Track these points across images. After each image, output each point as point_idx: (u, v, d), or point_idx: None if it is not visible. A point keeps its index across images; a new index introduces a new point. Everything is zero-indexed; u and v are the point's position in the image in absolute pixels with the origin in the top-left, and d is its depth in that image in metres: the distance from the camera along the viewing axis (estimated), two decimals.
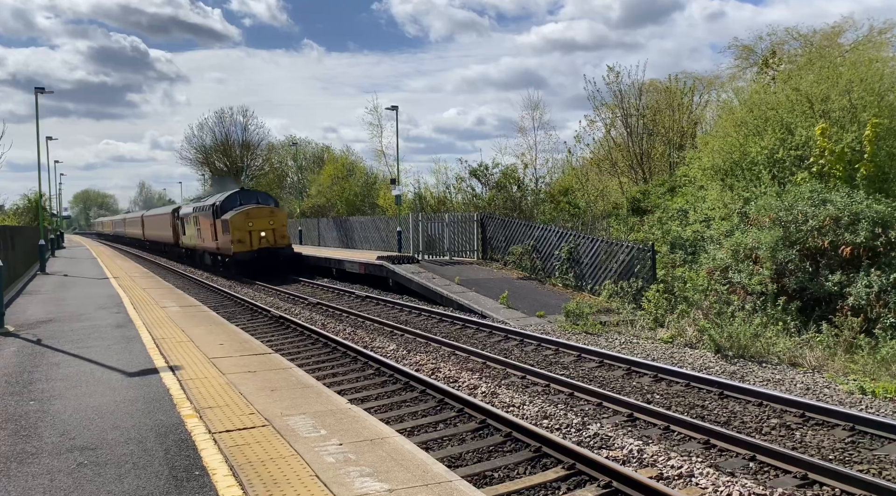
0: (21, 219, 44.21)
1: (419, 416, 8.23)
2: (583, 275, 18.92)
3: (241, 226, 26.56)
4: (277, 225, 27.25)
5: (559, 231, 20.53)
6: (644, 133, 29.05)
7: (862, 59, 18.33)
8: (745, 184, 17.53)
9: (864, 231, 12.50)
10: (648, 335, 13.41)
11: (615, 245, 18.16)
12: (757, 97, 18.97)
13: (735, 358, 11.27)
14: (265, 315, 16.75)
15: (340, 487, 4.38)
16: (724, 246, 14.81)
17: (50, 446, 5.32)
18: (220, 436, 5.46)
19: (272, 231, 26.93)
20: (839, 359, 10.68)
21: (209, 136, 70.87)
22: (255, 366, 8.23)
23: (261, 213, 27.27)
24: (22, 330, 11.26)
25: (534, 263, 20.86)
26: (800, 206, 13.64)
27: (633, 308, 15.39)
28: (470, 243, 25.01)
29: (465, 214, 26.26)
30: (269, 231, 26.84)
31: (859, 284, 11.98)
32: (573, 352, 11.76)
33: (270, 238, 26.87)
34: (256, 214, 27.07)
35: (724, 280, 13.94)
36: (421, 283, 19.58)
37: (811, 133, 16.16)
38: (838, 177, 15.32)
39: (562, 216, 26.55)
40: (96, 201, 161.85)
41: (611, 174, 30.74)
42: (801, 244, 13.25)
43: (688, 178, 21.97)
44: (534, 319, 15.29)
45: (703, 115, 29.04)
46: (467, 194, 31.52)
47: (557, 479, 6.15)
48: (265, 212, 27.48)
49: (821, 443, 7.21)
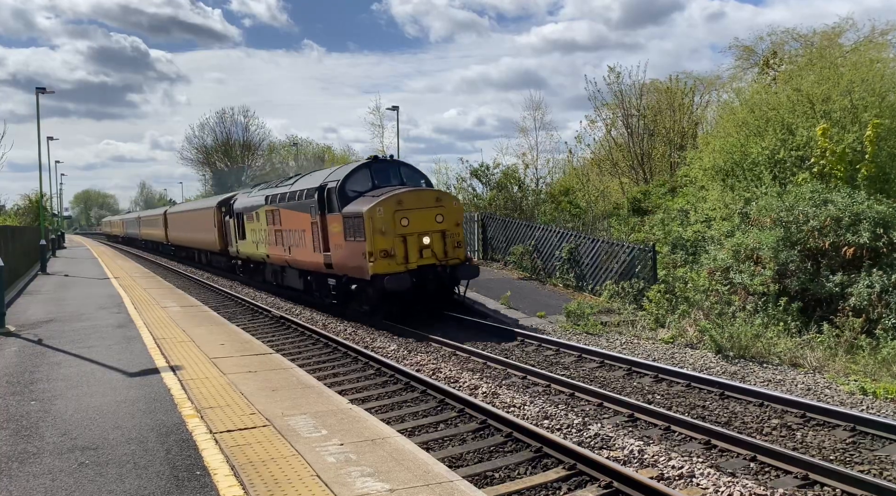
0: (22, 219, 44.24)
1: (420, 417, 8.23)
2: (583, 275, 18.91)
3: (388, 224, 14.49)
4: (450, 223, 15.11)
5: (560, 231, 20.53)
6: (645, 133, 29.05)
7: (863, 59, 18.34)
8: (746, 184, 17.53)
9: (867, 232, 12.50)
10: (649, 335, 13.40)
11: (616, 245, 18.15)
12: (758, 97, 18.98)
13: (736, 358, 11.26)
14: (266, 315, 16.74)
15: (342, 487, 4.38)
16: (725, 246, 14.80)
17: (51, 446, 5.32)
18: (222, 436, 5.47)
19: (442, 235, 14.95)
20: (840, 360, 10.67)
21: (210, 136, 71.03)
22: (256, 366, 8.23)
23: (420, 199, 15.07)
24: (23, 330, 11.26)
25: (534, 263, 20.85)
26: (801, 207, 13.63)
27: (633, 308, 15.38)
28: (470, 243, 25.01)
29: (466, 214, 26.23)
30: (438, 235, 14.90)
31: (861, 285, 11.97)
32: (574, 352, 11.75)
33: (439, 248, 14.91)
34: (413, 202, 14.89)
35: (725, 280, 13.94)
36: None
37: (812, 133, 16.16)
38: (839, 177, 15.31)
39: (562, 216, 26.54)
40: (97, 201, 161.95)
41: (612, 174, 30.74)
42: (802, 245, 13.24)
43: (689, 179, 21.97)
44: (535, 319, 15.28)
45: (703, 115, 29.05)
46: (468, 194, 31.51)
47: (558, 480, 6.15)
48: (427, 198, 15.22)
49: (822, 444, 7.20)
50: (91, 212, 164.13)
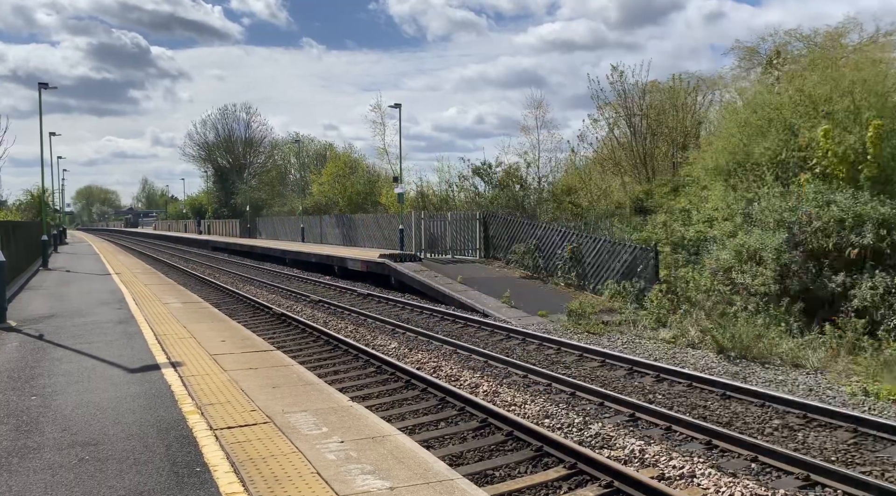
0: (24, 214, 44.25)
1: (420, 415, 8.22)
2: (585, 274, 18.89)
3: None
4: None
5: (562, 230, 20.51)
6: (647, 132, 28.96)
7: (865, 60, 18.26)
8: (749, 184, 17.48)
9: (871, 233, 12.46)
10: (651, 335, 13.38)
11: (618, 245, 18.14)
12: (760, 98, 18.91)
13: (737, 358, 11.24)
14: (267, 312, 16.74)
15: (342, 485, 4.37)
16: (727, 246, 14.77)
17: (51, 441, 5.31)
18: (222, 432, 5.46)
19: None
20: (842, 361, 10.65)
21: (212, 133, 71.05)
22: (256, 362, 8.22)
23: None
24: (24, 325, 11.26)
25: (536, 262, 20.83)
26: (804, 208, 13.60)
27: (635, 308, 15.36)
28: (472, 242, 24.98)
29: (468, 213, 26.24)
30: None
31: (864, 286, 11.94)
32: (575, 351, 11.74)
33: None
34: None
35: (728, 281, 13.91)
36: (423, 282, 19.56)
37: (814, 134, 16.11)
38: (842, 178, 15.27)
39: (564, 215, 26.50)
40: (98, 197, 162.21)
41: (614, 173, 30.64)
42: (804, 245, 13.21)
43: (691, 178, 21.90)
44: (536, 318, 15.26)
45: (706, 115, 28.95)
46: (470, 193, 31.49)
47: (559, 479, 6.14)
48: None
49: (823, 445, 7.18)
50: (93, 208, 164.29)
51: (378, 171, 48.82)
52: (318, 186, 47.88)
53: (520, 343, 12.80)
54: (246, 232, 55.75)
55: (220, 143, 71.27)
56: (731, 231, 16.13)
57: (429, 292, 19.07)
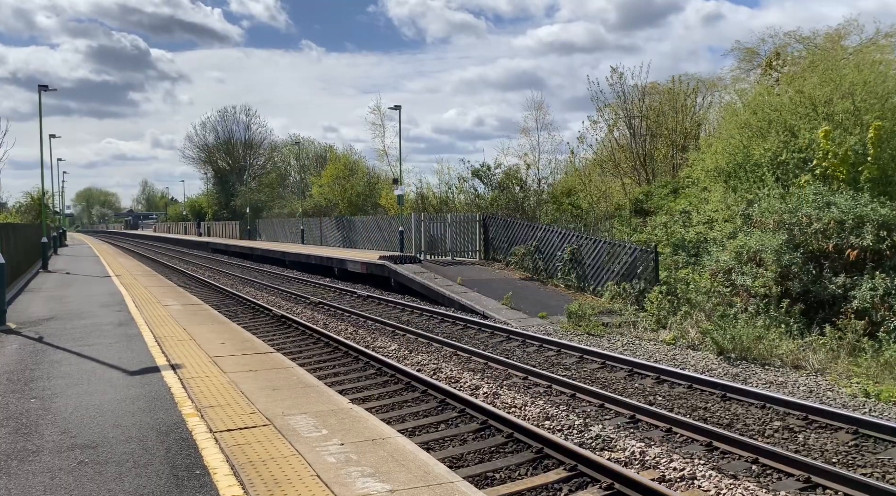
0: (24, 216, 44.23)
1: (421, 417, 8.20)
2: (585, 276, 18.88)
3: None
4: None
5: (562, 232, 20.50)
6: (647, 134, 28.97)
7: (865, 61, 18.27)
8: (749, 186, 17.48)
9: (871, 234, 12.46)
10: (651, 337, 13.37)
11: (618, 246, 18.13)
12: (760, 99, 18.91)
13: (738, 360, 11.23)
14: (267, 314, 16.73)
15: (342, 487, 4.36)
16: (727, 248, 14.76)
17: (51, 444, 5.30)
18: (222, 435, 5.45)
19: None
20: (842, 362, 10.64)
21: (212, 135, 71.12)
22: (256, 365, 8.21)
23: None
24: (24, 327, 11.25)
25: (536, 264, 20.83)
26: (804, 209, 13.59)
27: (635, 309, 15.36)
28: (472, 243, 24.98)
29: (468, 215, 26.24)
30: None
31: (864, 287, 11.93)
32: (575, 353, 11.73)
33: None
34: None
35: (728, 282, 13.90)
36: (423, 283, 19.55)
37: (815, 136, 16.11)
38: (842, 179, 15.27)
39: (564, 217, 26.50)
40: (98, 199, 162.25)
41: (614, 175, 30.66)
42: (805, 247, 13.20)
43: (691, 180, 21.91)
44: (536, 320, 15.26)
45: (706, 116, 28.96)
46: (470, 194, 31.46)
47: (559, 481, 6.12)
48: None
49: (824, 447, 7.17)
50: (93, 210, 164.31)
51: (378, 172, 48.87)
52: (318, 188, 47.89)
53: (520, 345, 12.79)
54: (246, 234, 55.77)
55: (220, 146, 71.35)
56: (731, 232, 16.13)
57: (429, 294, 19.07)
